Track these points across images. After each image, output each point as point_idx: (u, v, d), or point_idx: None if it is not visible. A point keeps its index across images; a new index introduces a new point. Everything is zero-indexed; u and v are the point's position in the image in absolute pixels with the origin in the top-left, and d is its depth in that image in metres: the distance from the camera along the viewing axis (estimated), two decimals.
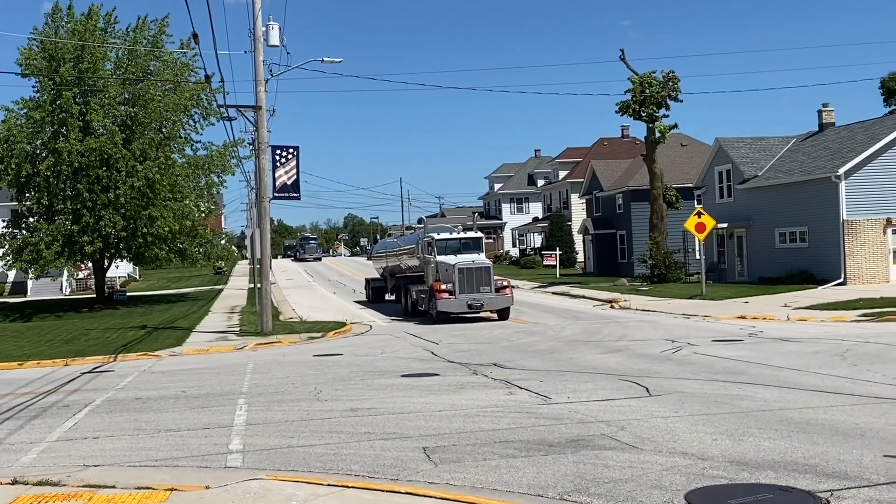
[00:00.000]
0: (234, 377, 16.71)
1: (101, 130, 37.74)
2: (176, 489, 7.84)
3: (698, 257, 37.97)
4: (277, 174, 27.95)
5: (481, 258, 28.78)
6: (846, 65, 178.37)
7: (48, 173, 36.57)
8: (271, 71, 27.93)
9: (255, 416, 11.97)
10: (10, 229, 41.33)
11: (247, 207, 60.15)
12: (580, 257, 66.08)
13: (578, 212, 69.15)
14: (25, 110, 37.96)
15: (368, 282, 40.85)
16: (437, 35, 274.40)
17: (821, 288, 32.70)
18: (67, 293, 55.92)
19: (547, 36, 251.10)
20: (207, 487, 7.87)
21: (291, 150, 28.26)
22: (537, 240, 79.48)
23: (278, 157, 27.99)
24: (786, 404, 11.24)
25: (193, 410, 12.88)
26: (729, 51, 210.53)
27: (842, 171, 33.87)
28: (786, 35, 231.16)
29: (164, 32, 39.80)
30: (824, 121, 41.62)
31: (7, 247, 39.87)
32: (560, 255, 60.70)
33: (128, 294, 48.49)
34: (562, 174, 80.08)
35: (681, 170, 52.17)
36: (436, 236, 29.34)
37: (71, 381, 17.19)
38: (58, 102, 37.12)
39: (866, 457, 8.28)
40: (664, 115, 43.00)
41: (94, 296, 43.55)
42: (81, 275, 58.57)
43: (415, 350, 20.63)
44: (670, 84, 42.64)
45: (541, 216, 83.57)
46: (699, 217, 34.46)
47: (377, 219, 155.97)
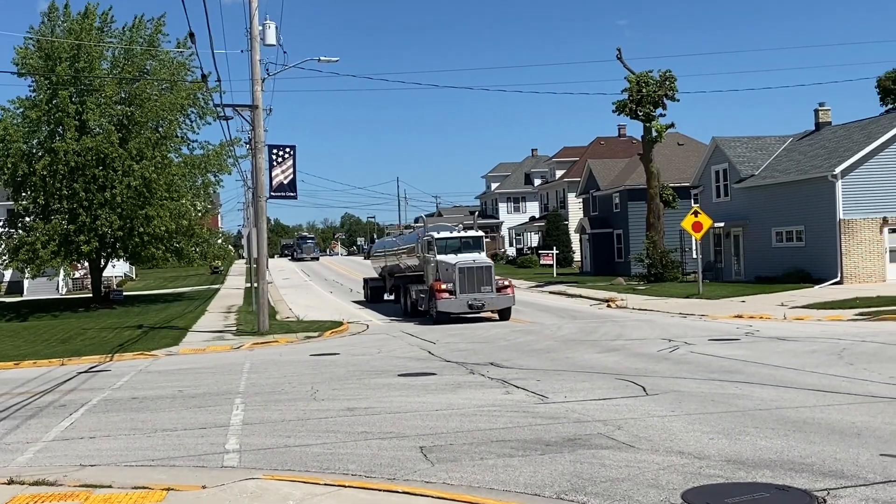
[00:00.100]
0: (230, 377, 16.70)
1: (98, 130, 37.70)
2: (172, 489, 7.83)
3: (695, 256, 38.02)
4: (274, 173, 27.95)
5: (482, 257, 28.47)
6: (843, 64, 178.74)
7: (44, 173, 36.52)
8: (268, 70, 27.94)
9: (252, 416, 11.96)
10: (7, 229, 41.24)
11: (243, 207, 60.04)
12: (577, 256, 66.13)
13: (575, 211, 69.20)
14: (22, 109, 37.92)
15: (367, 281, 40.54)
16: (434, 34, 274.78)
17: (817, 287, 32.76)
18: (64, 293, 55.84)
19: (544, 35, 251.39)
20: (204, 487, 7.86)
21: (288, 150, 28.25)
22: (534, 239, 79.51)
23: (275, 157, 27.98)
24: (782, 403, 11.25)
25: (190, 410, 12.86)
26: (726, 50, 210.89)
27: (838, 170, 33.91)
28: (783, 34, 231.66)
29: (161, 31, 39.80)
30: (821, 120, 41.69)
31: (3, 246, 39.78)
32: (557, 254, 60.75)
33: (124, 293, 48.43)
34: (559, 173, 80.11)
35: (678, 169, 52.20)
36: (436, 235, 29.09)
37: (67, 380, 17.18)
38: (54, 102, 37.09)
39: (863, 455, 8.28)
40: (661, 115, 43.06)
41: (91, 295, 43.50)
42: (78, 274, 58.46)
43: (412, 349, 20.62)
44: (667, 83, 42.66)
45: (538, 215, 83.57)
46: (696, 216, 34.48)
47: (374, 218, 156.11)
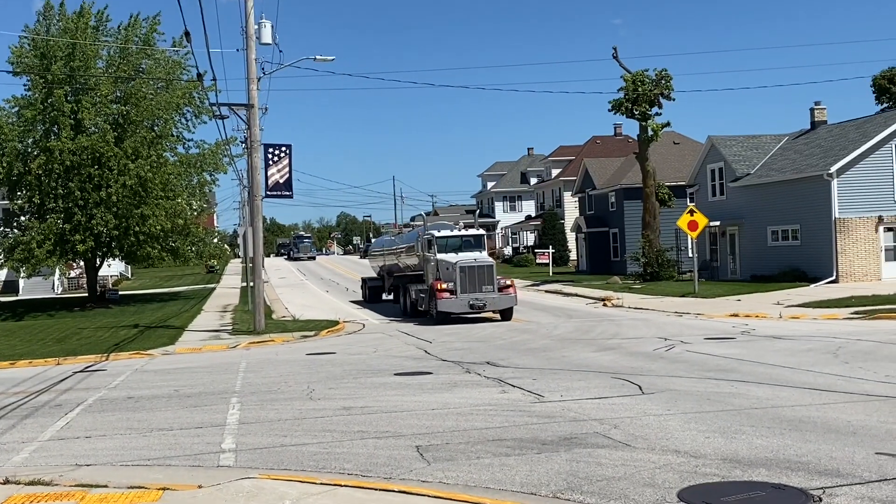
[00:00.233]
0: (226, 376, 16.69)
1: (93, 129, 37.64)
2: (168, 488, 7.82)
3: (691, 255, 38.07)
4: (270, 172, 27.91)
5: (483, 256, 27.98)
6: (838, 63, 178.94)
7: (40, 172, 36.45)
8: (264, 69, 27.94)
9: (248, 415, 11.95)
10: (2, 228, 41.13)
11: (239, 206, 60.02)
12: (573, 255, 66.19)
13: (571, 210, 69.23)
14: (17, 108, 37.83)
15: (365, 281, 39.97)
16: (430, 34, 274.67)
17: (813, 286, 32.81)
18: (59, 292, 55.75)
19: (539, 34, 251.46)
20: (200, 486, 7.85)
21: (284, 149, 28.22)
22: (530, 238, 79.52)
23: (271, 156, 27.94)
24: (778, 402, 11.27)
25: (186, 409, 12.85)
26: (721, 49, 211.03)
27: (834, 168, 33.97)
28: (778, 33, 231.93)
29: (156, 30, 39.70)
30: (816, 119, 41.76)
31: None
32: (553, 253, 60.77)
33: (120, 293, 48.35)
34: (555, 172, 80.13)
35: (673, 168, 52.24)
36: (436, 234, 28.69)
37: (63, 380, 17.15)
38: (49, 101, 37.00)
39: (858, 454, 8.30)
40: (657, 114, 43.07)
41: (87, 295, 43.44)
42: (73, 274, 58.34)
43: (408, 348, 20.62)
44: (663, 82, 42.69)
45: (534, 214, 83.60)
46: (692, 215, 34.53)
47: (370, 217, 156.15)
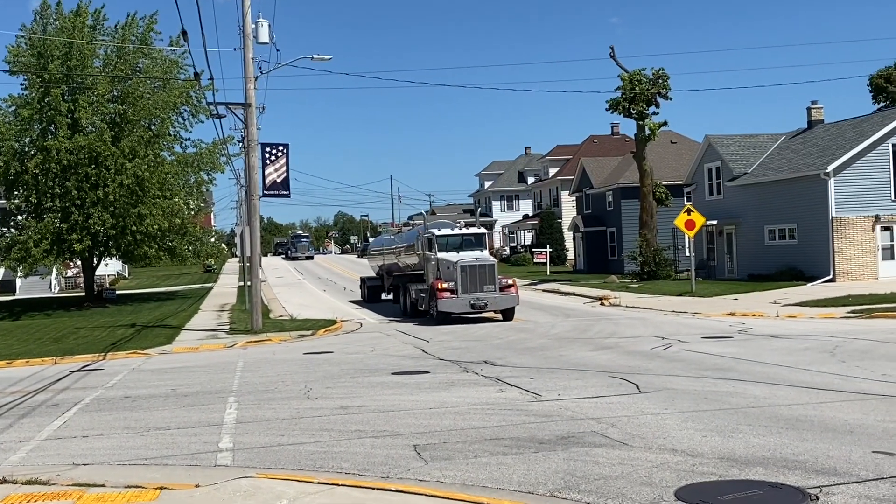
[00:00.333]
0: (223, 375, 16.68)
1: (90, 128, 37.58)
2: (165, 487, 7.81)
3: (688, 254, 38.08)
4: (267, 172, 27.89)
5: (485, 255, 27.64)
6: (835, 62, 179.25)
7: (37, 171, 36.39)
8: (261, 68, 27.91)
9: (245, 415, 11.94)
10: None
11: (236, 205, 60.06)
12: (570, 255, 66.21)
13: (569, 209, 69.26)
14: (14, 108, 37.75)
15: (364, 281, 39.53)
16: (427, 33, 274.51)
17: (810, 285, 32.85)
18: (56, 291, 55.71)
19: (536, 33, 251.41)
20: (197, 486, 7.85)
21: (281, 148, 28.20)
22: (527, 237, 79.54)
23: (268, 155, 27.92)
24: (775, 401, 11.28)
25: (183, 409, 12.84)
26: (718, 48, 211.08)
27: (831, 168, 34.00)
28: (776, 33, 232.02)
29: (153, 29, 39.64)
30: (813, 118, 41.80)
31: None
32: (550, 252, 60.80)
33: (117, 292, 48.32)
34: (552, 171, 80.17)
35: (671, 167, 52.28)
36: (437, 232, 28.37)
37: (60, 379, 17.13)
38: (46, 100, 36.93)
39: (855, 453, 8.31)
40: (654, 113, 43.07)
41: (84, 294, 43.36)
42: (70, 273, 58.32)
43: (405, 347, 20.61)
44: (660, 81, 42.70)
45: (531, 213, 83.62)
46: (689, 214, 34.56)
47: (367, 216, 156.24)
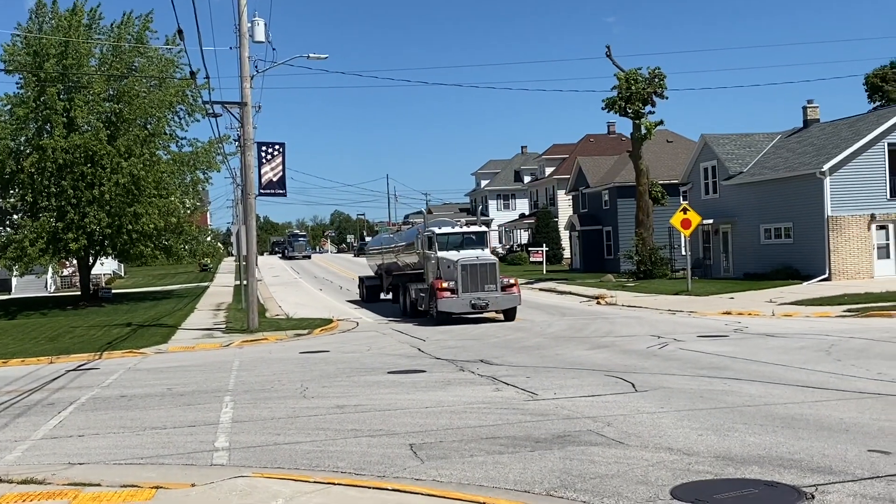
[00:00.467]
0: (220, 374, 16.66)
1: (86, 127, 37.49)
2: (161, 487, 7.81)
3: (684, 253, 38.15)
4: (263, 171, 27.88)
5: (486, 254, 27.14)
6: (831, 61, 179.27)
7: (32, 170, 36.33)
8: (257, 67, 27.88)
9: (242, 414, 11.93)
10: None
11: (233, 204, 59.91)
12: (567, 254, 66.26)
13: (565, 208, 69.30)
14: (9, 107, 37.68)
15: (362, 280, 39.14)
16: (423, 32, 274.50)
17: (806, 284, 32.89)
18: (52, 290, 55.62)
19: (533, 33, 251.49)
20: (193, 485, 7.84)
21: (277, 147, 28.19)
22: (524, 236, 79.58)
23: (264, 154, 27.91)
24: (771, 399, 11.30)
25: (179, 408, 12.83)
26: (714, 47, 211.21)
27: (826, 167, 34.03)
28: (772, 32, 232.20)
29: (149, 28, 39.58)
30: (809, 117, 41.83)
31: None
32: (547, 251, 60.81)
33: (113, 291, 48.28)
34: (548, 170, 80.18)
35: (667, 166, 52.31)
36: (437, 230, 27.95)
37: (56, 378, 17.12)
38: (42, 99, 36.88)
39: (851, 451, 8.32)
40: (650, 112, 43.08)
41: (80, 293, 43.32)
42: (66, 272, 58.24)
43: (401, 346, 20.61)
44: (656, 80, 42.71)
45: (527, 212, 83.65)
46: (685, 213, 34.56)
47: (363, 215, 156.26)
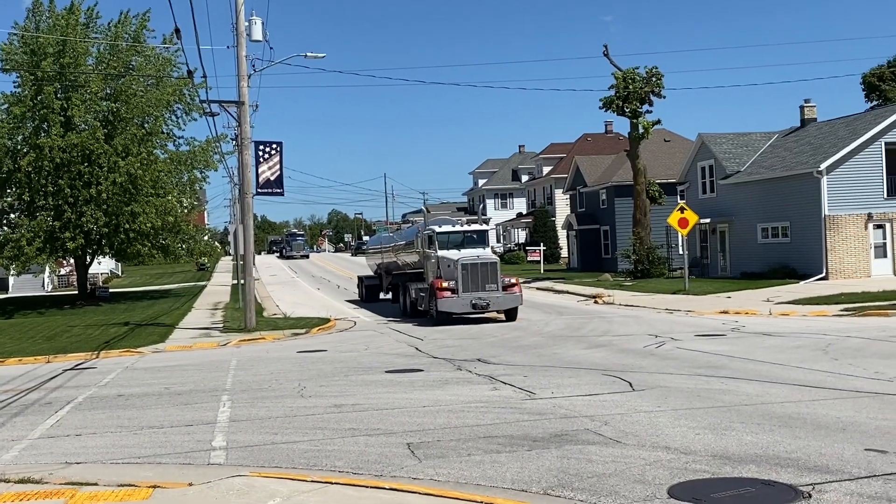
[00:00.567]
0: (217, 374, 16.65)
1: (83, 126, 37.49)
2: (159, 486, 7.80)
3: (681, 252, 38.11)
4: (261, 170, 27.85)
5: (487, 253, 26.73)
6: (828, 60, 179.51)
7: (29, 169, 36.28)
8: (254, 66, 27.85)
9: (239, 413, 11.93)
10: None
11: (230, 203, 59.98)
12: (564, 253, 66.25)
13: (562, 207, 69.31)
14: (6, 105, 37.62)
15: (362, 279, 38.72)
16: (421, 31, 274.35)
17: (803, 283, 32.91)
18: (49, 290, 55.59)
19: (530, 32, 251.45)
20: (190, 484, 7.84)
21: (275, 146, 28.16)
22: (521, 235, 79.57)
23: (261, 153, 27.88)
24: (768, 398, 11.31)
25: (176, 407, 12.83)
26: (712, 47, 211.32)
27: (823, 166, 34.05)
28: (769, 31, 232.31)
29: (146, 27, 39.58)
30: (806, 116, 41.85)
31: None
32: (544, 250, 60.79)
33: (110, 290, 48.24)
34: (546, 170, 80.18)
35: (664, 165, 52.34)
36: (437, 229, 27.56)
37: (53, 378, 17.10)
38: (39, 98, 36.84)
39: (848, 450, 8.33)
40: (647, 111, 43.10)
41: (77, 292, 43.29)
42: (63, 271, 58.19)
43: (399, 346, 20.61)
44: (653, 80, 42.73)
45: (525, 212, 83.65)
46: (682, 212, 34.57)
47: (361, 214, 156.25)
